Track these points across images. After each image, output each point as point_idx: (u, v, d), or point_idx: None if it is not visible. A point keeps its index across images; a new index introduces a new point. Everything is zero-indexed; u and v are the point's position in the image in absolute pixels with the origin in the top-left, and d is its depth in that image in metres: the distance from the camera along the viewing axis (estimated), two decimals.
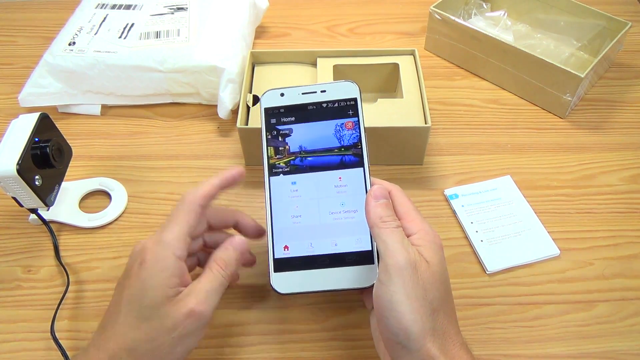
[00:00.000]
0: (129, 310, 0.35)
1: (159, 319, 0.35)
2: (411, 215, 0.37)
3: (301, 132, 0.41)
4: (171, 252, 0.36)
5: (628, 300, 0.46)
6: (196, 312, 0.35)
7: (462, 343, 0.34)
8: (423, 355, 0.32)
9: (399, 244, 0.34)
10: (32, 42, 0.74)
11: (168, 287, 0.35)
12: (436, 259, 0.35)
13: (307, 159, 0.41)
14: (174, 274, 0.36)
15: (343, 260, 0.39)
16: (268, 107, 0.42)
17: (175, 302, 0.35)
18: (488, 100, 0.65)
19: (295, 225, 0.40)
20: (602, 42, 0.65)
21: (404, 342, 0.33)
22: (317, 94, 0.42)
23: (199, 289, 0.36)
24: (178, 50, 0.60)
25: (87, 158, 0.58)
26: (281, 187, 0.41)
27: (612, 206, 0.53)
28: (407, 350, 0.33)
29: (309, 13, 0.79)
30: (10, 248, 0.50)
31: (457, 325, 0.35)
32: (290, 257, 0.39)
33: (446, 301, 0.35)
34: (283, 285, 0.39)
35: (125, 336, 0.35)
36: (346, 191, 0.40)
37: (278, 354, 0.43)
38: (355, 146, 0.40)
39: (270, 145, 0.41)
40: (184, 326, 0.35)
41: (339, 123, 0.41)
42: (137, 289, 0.35)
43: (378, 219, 0.35)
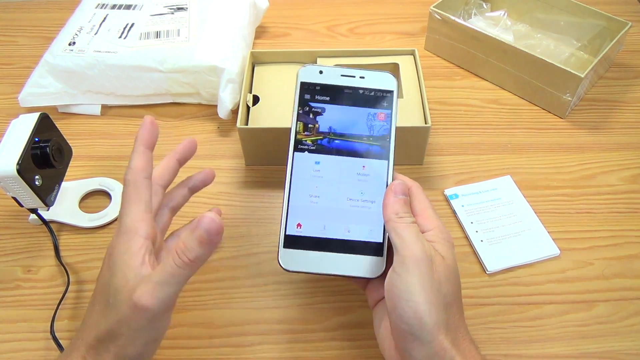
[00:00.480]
0: (100, 299, 0.35)
1: (118, 306, 0.34)
2: (427, 213, 0.38)
3: (333, 113, 0.41)
4: (133, 234, 0.35)
5: (628, 300, 0.46)
6: (138, 305, 0.32)
7: (470, 339, 0.35)
8: (435, 348, 0.32)
9: (415, 238, 0.34)
10: (32, 42, 0.74)
11: (128, 269, 0.34)
12: (450, 255, 0.35)
13: (334, 141, 0.41)
14: (135, 255, 0.34)
15: (353, 247, 0.39)
16: (305, 81, 0.42)
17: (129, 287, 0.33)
18: (488, 100, 0.65)
19: (312, 204, 0.40)
20: (602, 42, 0.65)
21: (418, 332, 0.33)
22: (356, 79, 0.42)
23: (148, 279, 0.33)
24: (178, 50, 0.60)
25: (87, 158, 0.58)
26: (304, 164, 0.40)
27: (612, 206, 0.53)
28: (419, 341, 0.33)
29: (309, 13, 0.79)
30: (10, 248, 0.50)
31: (465, 321, 0.36)
32: (302, 235, 0.39)
33: (458, 297, 0.35)
34: (290, 262, 0.39)
35: (98, 324, 0.34)
36: (367, 180, 0.40)
37: (278, 354, 0.43)
38: (384, 138, 0.41)
39: (300, 120, 0.41)
40: (133, 319, 0.33)
41: (372, 112, 0.41)
42: (106, 278, 0.35)
43: (394, 214, 0.36)
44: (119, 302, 0.33)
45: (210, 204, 0.53)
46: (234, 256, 0.49)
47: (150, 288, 0.33)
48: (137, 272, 0.34)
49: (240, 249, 0.50)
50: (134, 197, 0.36)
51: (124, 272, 0.34)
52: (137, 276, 0.33)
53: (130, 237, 0.35)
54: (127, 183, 0.36)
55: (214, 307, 0.46)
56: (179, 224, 0.52)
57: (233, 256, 0.49)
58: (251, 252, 0.50)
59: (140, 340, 0.34)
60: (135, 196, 0.36)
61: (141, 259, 0.34)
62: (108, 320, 0.34)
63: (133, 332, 0.33)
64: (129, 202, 0.36)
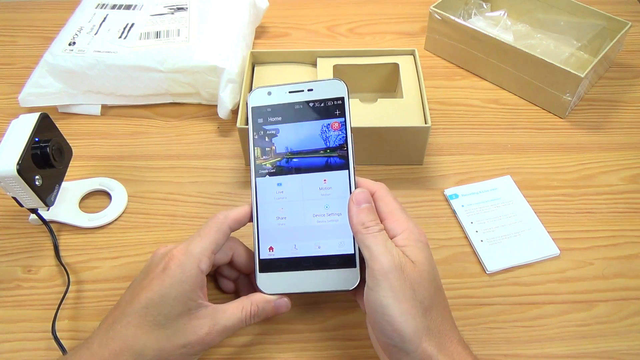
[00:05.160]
0: (145, 314, 0.35)
1: (173, 330, 0.35)
2: (395, 215, 0.37)
3: (287, 133, 0.41)
4: (196, 264, 0.36)
5: (628, 300, 0.46)
6: (206, 341, 0.36)
7: (459, 339, 0.34)
8: (420, 355, 0.32)
9: (383, 248, 0.34)
10: (32, 42, 0.74)
11: (189, 300, 0.36)
12: (422, 257, 0.35)
13: (292, 160, 0.40)
14: (197, 286, 0.36)
15: (326, 263, 0.39)
16: (255, 106, 0.42)
17: (193, 317, 0.36)
18: (488, 100, 0.65)
19: (280, 226, 0.40)
20: (602, 42, 0.65)
21: (400, 344, 0.33)
22: (304, 93, 0.41)
23: (220, 319, 0.37)
24: (178, 50, 0.60)
25: (87, 158, 0.58)
26: (267, 188, 0.40)
27: (612, 206, 0.53)
28: (404, 352, 0.33)
29: (309, 13, 0.79)
30: (10, 248, 0.50)
31: (453, 321, 0.35)
32: (275, 258, 0.40)
33: (438, 298, 0.35)
34: (268, 285, 0.39)
35: (136, 339, 0.35)
36: (330, 194, 0.40)
37: (278, 354, 0.43)
38: (341, 148, 0.40)
39: (257, 146, 0.41)
40: (192, 346, 0.35)
41: (325, 123, 0.40)
42: (158, 295, 0.35)
43: (360, 225, 0.35)
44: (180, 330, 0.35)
45: (210, 203, 0.54)
46: None
47: (220, 329, 0.36)
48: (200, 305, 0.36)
49: None
50: (213, 235, 0.38)
51: (184, 301, 0.36)
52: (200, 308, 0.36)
53: (193, 267, 0.36)
54: (216, 220, 0.39)
55: None
56: (180, 223, 0.52)
57: None
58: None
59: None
60: (214, 235, 0.38)
61: (202, 294, 0.37)
62: (160, 342, 0.35)
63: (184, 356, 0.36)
64: (206, 235, 0.38)
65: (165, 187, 0.55)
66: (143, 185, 0.55)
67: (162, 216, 0.53)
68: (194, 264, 0.36)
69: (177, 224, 0.52)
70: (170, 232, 0.51)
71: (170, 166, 0.57)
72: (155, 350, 0.35)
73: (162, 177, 0.56)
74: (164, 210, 0.53)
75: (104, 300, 0.46)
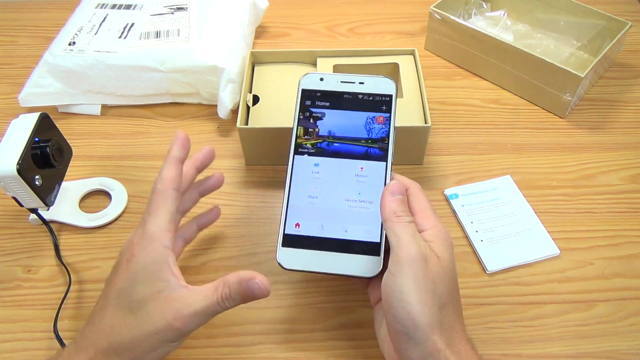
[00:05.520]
0: (118, 304, 0.35)
1: (142, 316, 0.34)
2: (426, 212, 0.38)
3: (333, 118, 0.42)
4: (158, 244, 0.36)
5: (628, 300, 0.46)
6: (175, 326, 0.34)
7: (467, 339, 0.35)
8: (429, 348, 0.32)
9: (411, 237, 0.34)
10: (32, 42, 0.74)
11: (158, 280, 0.35)
12: (447, 255, 0.35)
13: (333, 144, 0.42)
14: (164, 264, 0.36)
15: (350, 247, 0.39)
16: (306, 88, 0.43)
17: (162, 301, 0.35)
18: (488, 100, 0.65)
19: (311, 205, 0.41)
20: (602, 42, 0.65)
21: (411, 333, 0.33)
22: (355, 85, 0.43)
23: (191, 302, 0.35)
24: (178, 50, 0.60)
25: (87, 158, 0.58)
26: (304, 167, 0.42)
27: (612, 206, 0.53)
28: (413, 342, 0.33)
29: (309, 13, 0.79)
30: (11, 248, 0.50)
31: (463, 323, 0.36)
32: (301, 235, 0.40)
33: (454, 297, 0.35)
34: (288, 260, 0.39)
35: (112, 328, 0.35)
36: (365, 182, 0.41)
37: (278, 354, 0.43)
38: (382, 140, 0.41)
39: (300, 125, 0.42)
40: (163, 333, 0.34)
41: (370, 116, 0.42)
42: (127, 283, 0.35)
43: (392, 213, 0.36)
44: (149, 315, 0.34)
45: (210, 203, 0.53)
46: (234, 256, 0.49)
47: (189, 313, 0.34)
48: (169, 285, 0.35)
49: (240, 249, 0.50)
50: (162, 206, 0.37)
51: (152, 282, 0.35)
52: (170, 289, 0.35)
53: (155, 246, 0.36)
54: (156, 192, 0.38)
55: None
56: None
57: (233, 256, 0.49)
58: (251, 252, 0.50)
59: (162, 349, 0.35)
60: (163, 206, 0.38)
61: (170, 271, 0.36)
62: (132, 330, 0.34)
63: (157, 344, 0.34)
64: (156, 210, 0.37)
65: None
66: (143, 185, 0.55)
67: None
68: (157, 243, 0.36)
69: None
70: None
71: None
72: (128, 337, 0.34)
73: None
74: None
75: None
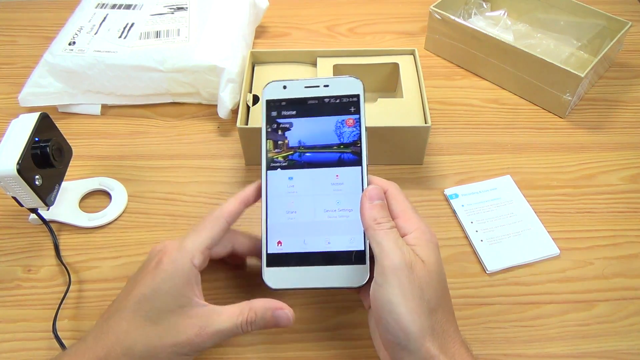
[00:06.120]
0: (137, 309, 0.35)
1: (163, 328, 0.35)
2: (407, 214, 0.37)
3: (301, 127, 0.41)
4: (189, 259, 0.36)
5: (628, 299, 0.46)
6: (195, 343, 0.35)
7: (461, 341, 0.35)
8: (423, 355, 0.32)
9: (394, 245, 0.34)
10: (32, 42, 0.74)
11: (181, 295, 0.35)
12: (432, 258, 0.35)
13: (305, 154, 0.40)
14: (190, 282, 0.36)
15: (335, 258, 0.39)
16: (270, 99, 0.42)
17: (185, 316, 0.35)
18: (488, 100, 0.65)
19: (290, 220, 0.40)
20: (602, 42, 0.65)
21: (404, 342, 0.33)
22: (320, 88, 0.41)
23: (213, 321, 0.35)
24: (178, 50, 0.60)
25: (87, 158, 0.58)
26: (278, 182, 0.40)
27: (612, 206, 0.53)
28: (407, 351, 0.33)
29: (309, 13, 0.79)
30: (11, 248, 0.50)
31: (456, 323, 0.35)
32: (284, 252, 0.39)
33: (444, 300, 0.35)
34: (275, 280, 0.39)
35: (127, 334, 0.35)
36: (342, 189, 0.40)
37: (278, 354, 0.43)
38: (354, 144, 0.40)
39: (269, 139, 0.41)
40: (181, 347, 0.35)
41: (340, 119, 0.41)
42: (150, 290, 0.35)
43: (372, 220, 0.35)
44: (170, 328, 0.35)
45: (210, 203, 0.54)
46: None
47: (212, 332, 0.35)
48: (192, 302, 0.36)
49: None
50: (208, 229, 0.38)
51: (176, 296, 0.35)
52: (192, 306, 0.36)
53: (185, 262, 0.36)
54: (211, 215, 0.39)
55: None
56: (180, 223, 0.52)
57: None
58: None
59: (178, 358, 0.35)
60: (210, 230, 0.38)
61: (193, 291, 0.36)
62: (150, 340, 0.35)
63: (172, 357, 0.35)
64: (201, 231, 0.38)
65: (165, 187, 0.55)
66: (143, 185, 0.55)
67: (162, 216, 0.53)
68: (187, 259, 0.36)
69: (177, 224, 0.52)
70: (170, 232, 0.51)
71: (170, 166, 0.57)
72: (145, 346, 0.34)
73: (162, 177, 0.56)
74: (164, 210, 0.53)
75: (103, 300, 0.46)
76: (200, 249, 0.37)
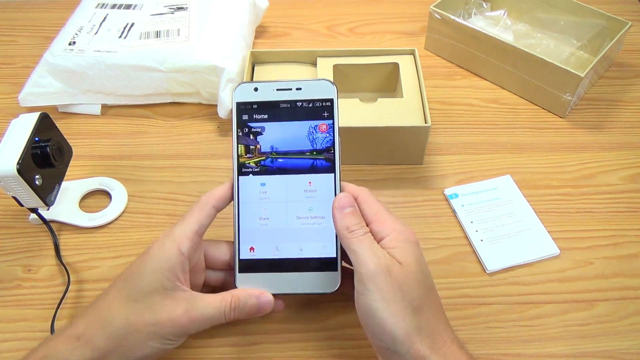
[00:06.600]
0: (121, 288, 0.36)
1: (144, 306, 0.35)
2: (381, 217, 0.37)
3: (273, 132, 0.40)
4: (176, 246, 0.36)
5: (628, 299, 0.46)
6: (177, 323, 0.35)
7: (452, 338, 0.34)
8: (413, 357, 0.32)
9: (368, 251, 0.34)
10: (32, 41, 0.74)
11: (166, 278, 0.35)
12: (410, 257, 0.35)
13: (277, 160, 0.40)
14: (175, 267, 0.36)
15: (307, 265, 0.39)
16: (240, 101, 0.40)
17: (168, 297, 0.35)
18: (488, 99, 0.65)
19: (263, 227, 0.40)
20: (602, 42, 0.65)
21: (392, 346, 0.33)
22: (292, 92, 0.40)
23: (197, 305, 0.36)
24: (178, 49, 0.60)
25: (87, 158, 0.58)
26: (250, 188, 0.40)
27: (612, 205, 0.53)
28: (397, 354, 0.33)
29: (309, 13, 0.79)
30: (11, 247, 0.50)
31: (446, 321, 0.35)
32: (256, 259, 0.39)
33: (429, 298, 0.35)
34: (247, 286, 0.39)
35: (107, 310, 0.35)
36: (315, 196, 0.39)
37: (278, 354, 0.43)
38: (327, 150, 0.39)
39: (240, 143, 0.40)
40: (161, 326, 0.35)
41: (312, 125, 0.40)
42: (135, 271, 0.36)
43: (345, 229, 0.35)
44: (151, 306, 0.35)
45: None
46: None
47: (197, 315, 0.35)
48: (175, 286, 0.36)
49: None
50: (195, 215, 0.38)
51: (160, 279, 0.35)
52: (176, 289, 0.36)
53: (171, 247, 0.36)
54: (198, 201, 0.39)
55: None
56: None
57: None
58: None
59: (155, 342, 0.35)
60: (197, 216, 0.38)
61: (177, 276, 0.36)
62: (128, 315, 0.35)
63: (153, 335, 0.35)
64: (188, 217, 0.38)
65: (165, 186, 0.55)
66: (143, 185, 0.55)
67: (162, 216, 0.53)
68: (174, 245, 0.36)
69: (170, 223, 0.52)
70: None
71: (170, 166, 0.57)
72: (122, 321, 0.35)
73: (162, 176, 0.56)
74: (164, 209, 0.53)
75: None
76: (187, 235, 0.37)
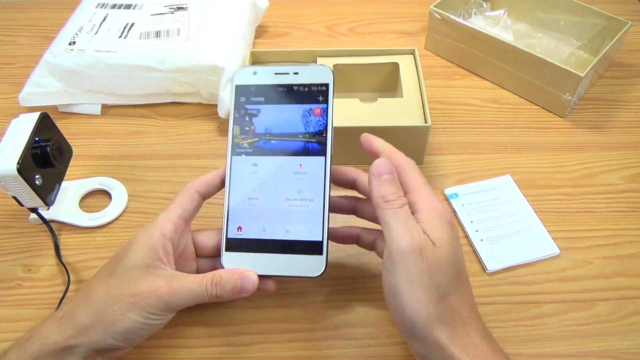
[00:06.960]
0: (106, 267, 0.38)
1: (125, 279, 0.36)
2: (419, 189, 0.35)
3: (268, 114, 0.41)
4: (158, 228, 0.37)
5: (628, 299, 0.46)
6: (158, 294, 0.35)
7: (476, 326, 0.33)
8: (432, 344, 0.32)
9: (403, 227, 0.32)
10: (32, 41, 0.74)
11: (148, 257, 0.36)
12: (445, 238, 0.33)
13: (270, 142, 0.40)
14: (156, 247, 0.37)
15: (293, 247, 0.39)
16: (239, 84, 0.41)
17: (149, 273, 0.36)
18: (488, 99, 0.65)
19: (251, 207, 0.40)
20: (602, 42, 0.65)
21: (411, 330, 0.32)
22: (290, 76, 0.41)
23: (179, 280, 0.36)
24: (178, 49, 0.60)
25: (87, 157, 0.58)
26: (242, 168, 0.40)
27: (612, 205, 0.53)
28: (415, 338, 0.33)
29: (309, 13, 0.79)
30: (11, 247, 0.50)
31: (471, 305, 0.34)
32: (243, 238, 0.40)
33: (457, 283, 0.33)
34: (233, 265, 0.39)
35: (90, 286, 0.37)
36: (305, 179, 0.39)
37: (278, 354, 0.43)
38: (320, 134, 0.40)
39: (236, 124, 0.41)
40: (142, 297, 0.35)
41: (307, 108, 0.40)
42: (120, 253, 0.38)
43: (380, 198, 0.34)
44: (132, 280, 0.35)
45: (210, 202, 0.53)
46: None
47: (179, 287, 0.35)
48: (157, 264, 0.36)
49: None
50: (178, 200, 0.39)
51: (142, 258, 0.36)
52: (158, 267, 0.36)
53: (154, 230, 0.37)
54: (184, 187, 0.40)
55: (214, 306, 0.45)
56: None
57: None
58: None
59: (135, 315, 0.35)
60: (180, 201, 0.39)
61: (160, 256, 0.37)
62: (109, 288, 0.36)
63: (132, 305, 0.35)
64: (172, 203, 0.39)
65: (165, 186, 0.55)
66: (143, 185, 0.55)
67: None
68: (156, 227, 0.37)
69: None
70: None
71: (170, 166, 0.57)
72: (103, 294, 0.35)
73: (162, 176, 0.56)
74: None
75: None
76: (170, 219, 0.38)
